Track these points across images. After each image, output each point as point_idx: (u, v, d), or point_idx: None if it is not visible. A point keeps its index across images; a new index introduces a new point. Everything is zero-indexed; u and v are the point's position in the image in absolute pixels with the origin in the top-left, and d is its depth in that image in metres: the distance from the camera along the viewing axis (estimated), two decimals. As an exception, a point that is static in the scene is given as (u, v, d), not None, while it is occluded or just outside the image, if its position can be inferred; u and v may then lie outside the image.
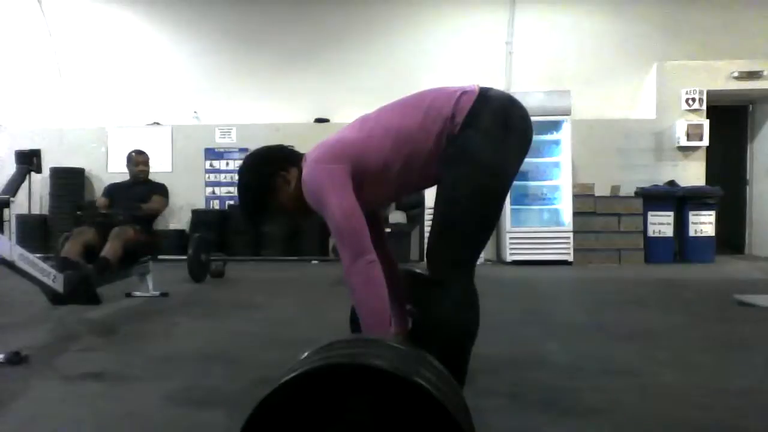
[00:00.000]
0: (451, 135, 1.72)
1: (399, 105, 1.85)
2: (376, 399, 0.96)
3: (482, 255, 4.26)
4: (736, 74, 7.54)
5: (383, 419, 0.96)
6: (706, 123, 7.55)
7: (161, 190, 4.64)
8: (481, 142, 1.70)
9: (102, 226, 4.03)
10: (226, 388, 2.16)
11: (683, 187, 7.30)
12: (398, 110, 1.82)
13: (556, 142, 7.37)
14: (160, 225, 8.16)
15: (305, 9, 8.17)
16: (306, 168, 1.74)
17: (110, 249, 3.80)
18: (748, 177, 8.23)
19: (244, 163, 1.93)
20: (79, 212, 4.44)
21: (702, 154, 7.72)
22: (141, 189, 4.52)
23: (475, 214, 1.70)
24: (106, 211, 4.25)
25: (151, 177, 4.75)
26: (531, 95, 7.31)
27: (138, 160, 4.62)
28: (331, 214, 1.64)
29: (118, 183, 4.69)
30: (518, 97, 1.94)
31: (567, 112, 7.23)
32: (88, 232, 3.94)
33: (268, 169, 1.84)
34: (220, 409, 1.93)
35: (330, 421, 0.97)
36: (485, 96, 1.78)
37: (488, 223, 1.77)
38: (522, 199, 7.31)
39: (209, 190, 8.38)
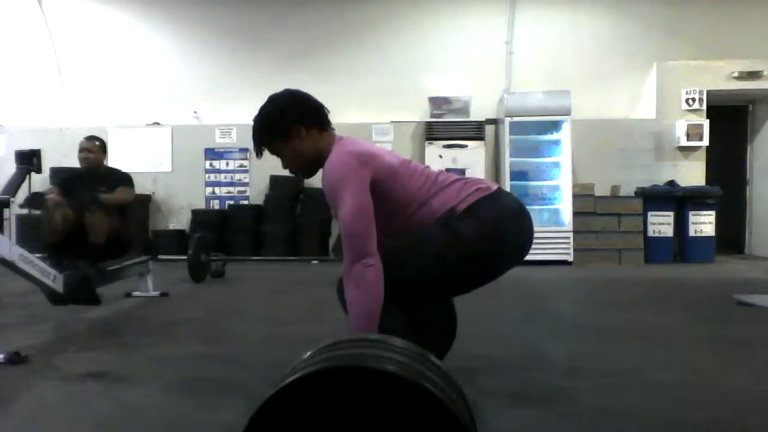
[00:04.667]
0: (453, 216, 1.78)
1: (431, 172, 1.92)
2: (380, 401, 0.96)
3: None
4: (736, 74, 7.54)
5: (387, 421, 0.95)
6: (706, 123, 7.55)
7: (125, 181, 4.15)
8: (471, 227, 1.74)
9: (78, 202, 3.76)
10: (226, 389, 2.16)
11: (683, 187, 7.29)
12: (430, 174, 1.89)
13: (556, 142, 7.37)
14: (160, 225, 8.23)
15: (305, 9, 8.17)
16: (338, 153, 1.75)
17: (94, 229, 3.64)
18: (748, 177, 8.22)
19: (280, 94, 1.93)
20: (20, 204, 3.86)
21: (702, 154, 7.71)
22: (98, 180, 4.06)
23: (418, 269, 1.74)
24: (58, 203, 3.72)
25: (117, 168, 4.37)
26: (531, 95, 7.31)
27: (83, 146, 4.08)
28: (344, 210, 1.66)
29: (71, 173, 4.26)
30: (518, 97, 1.98)
31: (567, 112, 7.22)
32: (64, 210, 3.64)
33: (293, 114, 1.85)
34: (220, 409, 1.93)
35: (334, 424, 0.96)
36: (495, 196, 1.84)
37: (427, 286, 1.79)
38: (522, 199, 7.21)
39: (209, 190, 8.37)
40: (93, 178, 4.08)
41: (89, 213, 3.72)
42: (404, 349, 1.09)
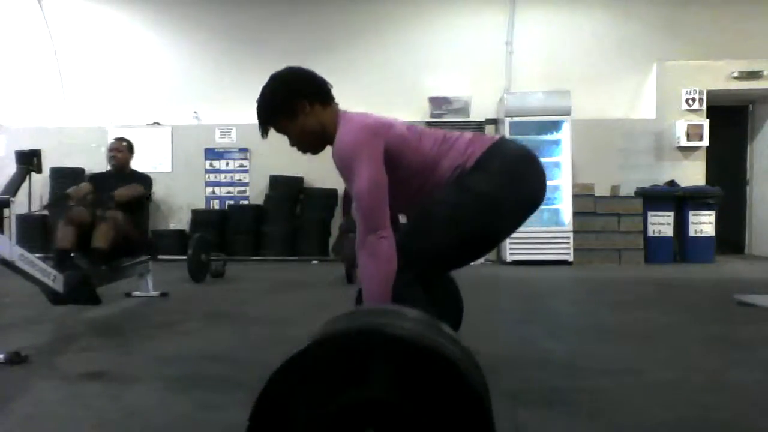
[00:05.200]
0: (462, 175, 1.78)
1: (437, 133, 1.91)
2: (397, 365, 0.98)
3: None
4: (736, 74, 7.54)
5: (404, 385, 0.98)
6: (706, 123, 7.55)
7: (142, 180, 4.38)
8: (483, 181, 1.74)
9: (93, 206, 3.89)
10: (226, 388, 2.16)
11: (683, 187, 7.30)
12: (437, 136, 1.88)
13: (556, 142, 7.37)
14: (160, 225, 8.23)
15: (305, 9, 8.17)
16: (349, 126, 1.76)
17: (100, 238, 3.71)
18: (748, 177, 8.23)
19: (282, 72, 1.92)
20: (50, 207, 4.08)
21: (702, 154, 7.72)
22: (120, 179, 4.25)
23: (438, 237, 1.74)
24: (84, 195, 3.93)
25: (156, 174, 4.67)
26: (531, 95, 7.31)
27: (112, 146, 4.40)
28: (359, 183, 1.66)
29: (101, 172, 4.55)
30: (518, 97, 1.99)
31: (567, 112, 7.23)
32: (83, 214, 3.80)
33: (297, 91, 1.85)
34: (221, 408, 1.93)
35: (351, 385, 0.99)
36: (500, 146, 1.83)
37: (448, 252, 1.79)
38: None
39: (209, 190, 8.38)
40: (118, 177, 4.29)
41: (100, 220, 3.83)
42: (420, 318, 1.12)
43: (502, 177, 1.75)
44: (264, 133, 1.93)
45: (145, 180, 4.40)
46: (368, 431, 0.99)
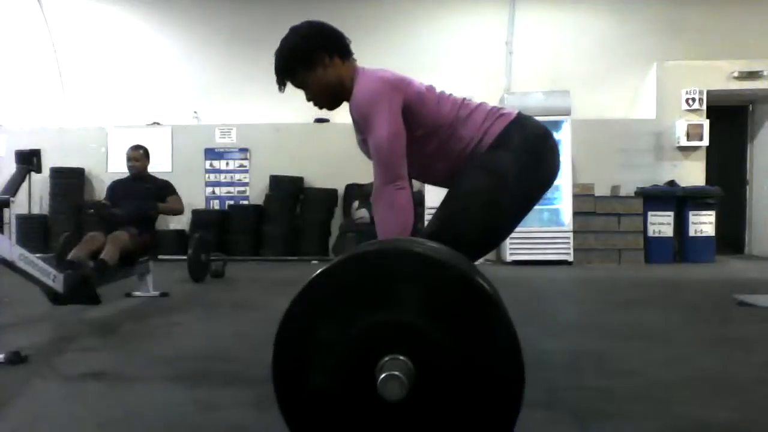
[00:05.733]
0: (480, 151, 1.75)
1: (456, 98, 1.88)
2: (430, 288, 1.01)
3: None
4: (736, 74, 7.54)
5: (436, 310, 1.01)
6: (706, 123, 7.54)
7: (171, 189, 4.62)
8: (509, 162, 1.71)
9: (109, 227, 4.08)
10: (226, 388, 2.16)
11: (683, 187, 7.29)
12: (456, 101, 1.86)
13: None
14: (160, 225, 8.21)
15: (305, 9, 8.13)
16: (366, 79, 1.74)
17: (108, 253, 3.81)
18: (748, 177, 8.22)
19: (302, 24, 1.92)
20: (91, 211, 4.44)
21: (702, 154, 7.71)
22: (143, 185, 4.50)
23: (478, 223, 1.70)
24: (115, 211, 4.22)
25: (155, 175, 4.74)
26: (531, 95, 7.30)
27: (130, 155, 4.54)
28: (378, 132, 1.64)
29: (120, 179, 4.70)
30: (518, 97, 1.97)
31: (567, 112, 7.22)
32: (99, 238, 3.95)
33: (317, 42, 1.84)
34: (221, 408, 1.93)
35: (379, 306, 1.01)
36: (521, 123, 1.79)
37: (489, 236, 1.77)
38: (522, 199, 7.30)
39: (209, 190, 8.37)
40: (138, 183, 4.50)
41: (116, 233, 3.98)
42: (453, 252, 1.16)
43: (527, 158, 1.72)
44: (281, 86, 1.90)
45: (172, 189, 4.63)
46: (394, 356, 0.98)
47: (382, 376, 0.97)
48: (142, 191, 4.44)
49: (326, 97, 1.87)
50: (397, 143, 1.65)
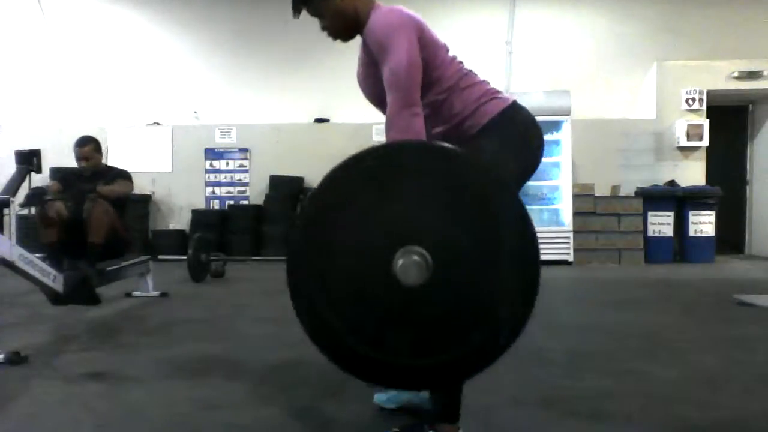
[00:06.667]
0: (469, 125, 1.74)
1: (462, 66, 1.89)
2: (446, 179, 1.08)
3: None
4: (736, 74, 7.54)
5: (451, 203, 1.08)
6: (706, 123, 7.55)
7: (123, 175, 4.18)
8: (500, 148, 1.70)
9: (78, 196, 3.78)
10: (226, 388, 2.16)
11: (683, 187, 7.29)
12: (461, 68, 1.87)
13: (556, 142, 7.36)
14: (160, 225, 8.23)
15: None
16: (386, 9, 1.72)
17: (94, 229, 3.66)
18: (748, 177, 8.23)
19: None
20: (28, 204, 3.86)
21: (702, 154, 7.72)
22: (96, 177, 4.06)
23: None
24: (56, 197, 3.77)
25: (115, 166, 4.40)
26: (531, 95, 7.29)
27: (79, 154, 4.10)
28: (397, 56, 1.62)
29: (71, 171, 4.28)
30: (518, 97, 1.95)
31: (567, 112, 7.23)
32: (59, 207, 3.68)
33: None
34: (221, 409, 1.93)
35: (392, 201, 1.07)
36: (515, 111, 1.79)
37: None
38: (522, 198, 7.27)
39: (209, 190, 8.37)
40: (93, 175, 4.10)
41: (90, 204, 3.72)
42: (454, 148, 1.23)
43: (518, 144, 1.74)
44: (296, 13, 1.90)
45: (125, 175, 4.20)
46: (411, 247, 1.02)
47: (401, 260, 1.03)
48: (95, 181, 4.01)
49: (339, 27, 1.86)
50: (415, 72, 1.63)
